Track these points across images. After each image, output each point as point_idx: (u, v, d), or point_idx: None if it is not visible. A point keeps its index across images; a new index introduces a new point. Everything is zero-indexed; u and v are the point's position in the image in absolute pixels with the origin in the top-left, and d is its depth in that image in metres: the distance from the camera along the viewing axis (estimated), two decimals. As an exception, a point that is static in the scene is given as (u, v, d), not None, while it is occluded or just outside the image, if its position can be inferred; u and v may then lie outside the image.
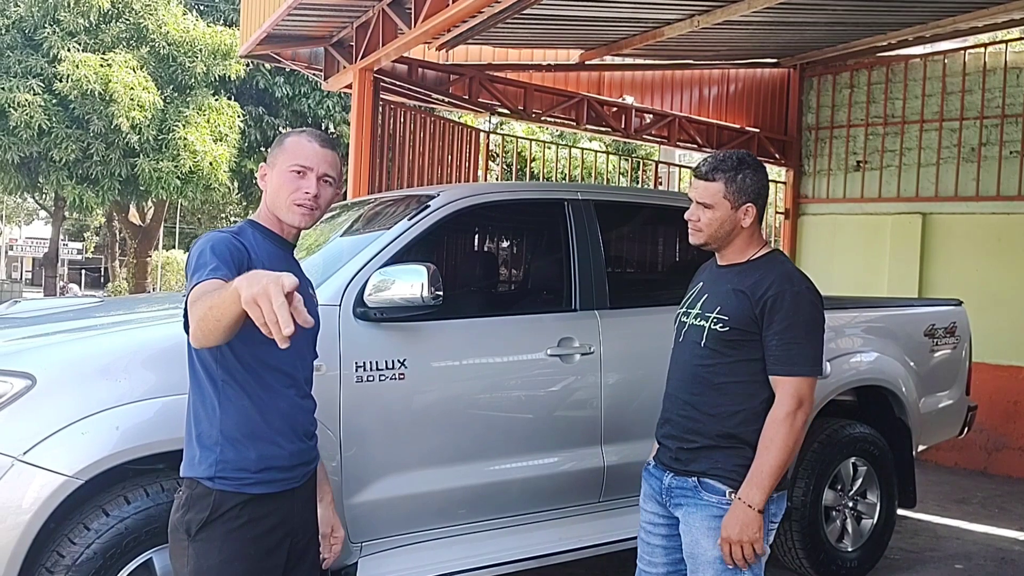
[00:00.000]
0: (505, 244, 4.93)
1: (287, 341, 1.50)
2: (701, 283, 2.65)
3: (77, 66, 12.72)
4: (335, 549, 2.42)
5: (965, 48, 8.60)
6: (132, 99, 12.92)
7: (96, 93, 12.76)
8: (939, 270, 8.49)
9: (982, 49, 8.44)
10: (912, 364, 4.84)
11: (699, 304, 2.56)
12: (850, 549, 4.50)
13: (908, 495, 4.83)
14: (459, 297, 3.82)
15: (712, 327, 2.47)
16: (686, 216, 2.54)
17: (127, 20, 14.12)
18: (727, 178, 2.46)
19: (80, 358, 2.80)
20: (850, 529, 4.51)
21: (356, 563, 3.12)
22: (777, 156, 9.71)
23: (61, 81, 12.85)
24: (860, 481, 4.54)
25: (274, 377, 2.12)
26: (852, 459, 4.48)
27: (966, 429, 5.40)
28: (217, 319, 1.68)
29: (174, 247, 33.88)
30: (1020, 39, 8.35)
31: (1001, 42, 8.40)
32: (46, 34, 13.33)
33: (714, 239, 2.51)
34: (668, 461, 2.56)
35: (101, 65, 12.94)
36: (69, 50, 13.08)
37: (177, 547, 2.08)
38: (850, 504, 4.52)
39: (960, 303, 5.39)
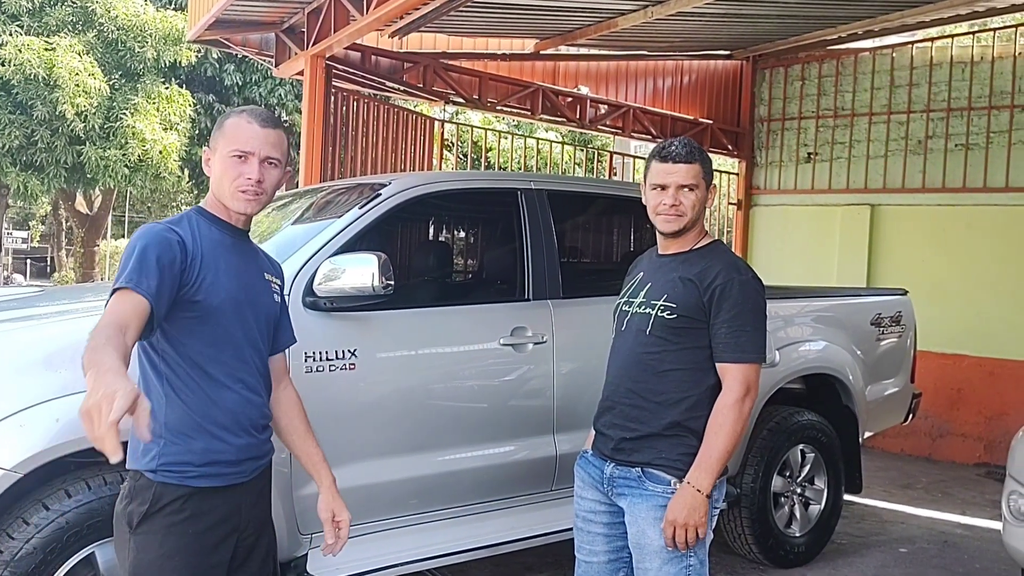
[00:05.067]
0: (458, 233, 4.92)
1: (116, 458, 1.49)
2: (642, 273, 2.66)
3: (20, 50, 12.36)
4: (341, 534, 2.33)
5: (913, 42, 8.76)
6: (77, 85, 12.58)
7: (40, 78, 12.42)
8: (886, 260, 8.66)
9: (929, 43, 8.62)
10: (859, 352, 4.93)
11: (642, 293, 2.57)
12: (798, 534, 4.58)
13: (855, 481, 4.93)
14: (411, 286, 3.80)
15: (659, 315, 2.48)
16: (669, 202, 2.48)
17: (73, 3, 13.76)
18: (702, 159, 2.52)
19: (19, 348, 2.73)
20: (798, 515, 4.59)
21: (306, 555, 3.09)
22: (730, 147, 9.81)
23: (3, 65, 12.47)
24: (808, 467, 4.62)
25: (220, 372, 2.08)
26: (800, 446, 4.56)
27: (911, 416, 5.53)
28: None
29: (123, 236, 33.17)
30: (966, 34, 8.52)
31: (947, 37, 8.58)
32: (-14, 17, 12.94)
33: (692, 221, 2.52)
34: (609, 451, 2.56)
35: (45, 49, 12.59)
36: (11, 33, 12.71)
37: (120, 538, 2.05)
38: (798, 490, 4.60)
39: (906, 293, 5.50)
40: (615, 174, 10.62)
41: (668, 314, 2.47)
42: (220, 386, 2.08)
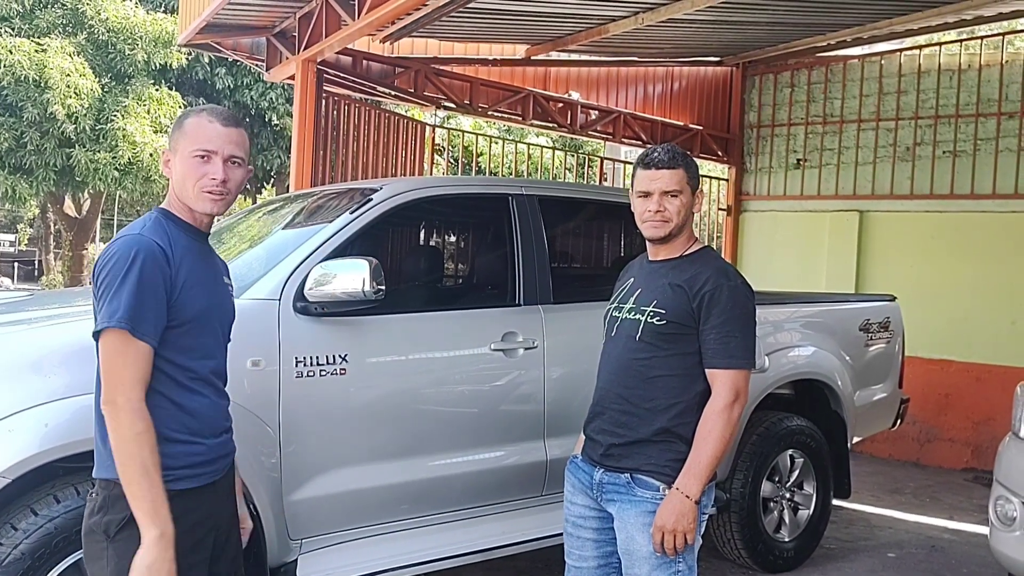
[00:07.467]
0: (449, 238, 4.92)
1: None
2: (632, 279, 2.67)
3: (11, 51, 12.32)
4: (243, 539, 2.39)
5: (901, 50, 8.83)
6: (68, 86, 12.54)
7: (30, 79, 12.38)
8: (875, 266, 8.70)
9: (917, 51, 8.67)
10: (848, 358, 4.95)
11: (632, 299, 2.58)
12: (787, 539, 4.59)
13: (843, 486, 4.94)
14: (402, 291, 3.80)
15: (649, 321, 2.49)
16: (653, 209, 2.49)
17: (64, 5, 13.72)
18: (685, 164, 2.52)
19: (8, 352, 2.72)
20: (787, 520, 4.60)
21: (296, 560, 3.08)
22: (720, 153, 9.84)
23: (-6, 67, 12.43)
24: (797, 473, 4.63)
25: (192, 379, 2.09)
26: (789, 451, 4.57)
27: (899, 421, 5.55)
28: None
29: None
30: (954, 42, 8.59)
31: (935, 44, 8.63)
32: (-24, 19, 12.89)
33: (678, 227, 2.53)
34: (598, 457, 2.57)
35: (36, 51, 12.55)
36: (1, 35, 12.67)
37: (94, 550, 2.02)
38: (787, 495, 4.61)
39: (894, 299, 5.53)
40: (605, 179, 10.64)
41: (658, 320, 2.47)
42: (193, 393, 2.09)
